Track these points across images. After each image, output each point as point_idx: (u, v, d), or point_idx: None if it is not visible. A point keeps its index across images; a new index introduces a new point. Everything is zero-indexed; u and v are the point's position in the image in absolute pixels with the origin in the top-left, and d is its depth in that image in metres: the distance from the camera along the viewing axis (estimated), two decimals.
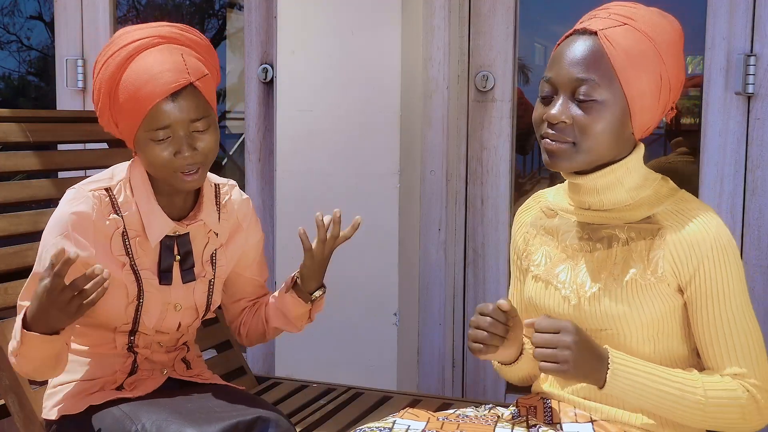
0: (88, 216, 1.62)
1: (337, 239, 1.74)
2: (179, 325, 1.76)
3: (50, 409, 1.74)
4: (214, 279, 1.78)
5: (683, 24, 1.52)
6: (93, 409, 1.68)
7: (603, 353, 1.45)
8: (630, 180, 1.51)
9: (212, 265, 1.78)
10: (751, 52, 2.55)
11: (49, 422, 1.75)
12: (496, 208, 2.92)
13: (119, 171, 1.72)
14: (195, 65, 1.62)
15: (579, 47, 1.47)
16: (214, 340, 2.39)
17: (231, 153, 4.97)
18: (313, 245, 1.74)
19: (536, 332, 1.43)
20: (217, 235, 1.78)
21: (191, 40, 1.68)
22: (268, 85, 3.15)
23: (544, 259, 1.59)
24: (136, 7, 4.01)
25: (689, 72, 3.12)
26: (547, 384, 1.61)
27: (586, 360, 1.42)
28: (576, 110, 1.45)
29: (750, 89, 2.55)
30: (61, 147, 2.61)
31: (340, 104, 2.77)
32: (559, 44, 1.52)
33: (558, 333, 1.42)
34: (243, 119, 3.25)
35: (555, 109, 1.46)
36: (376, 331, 2.75)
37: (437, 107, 2.90)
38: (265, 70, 3.15)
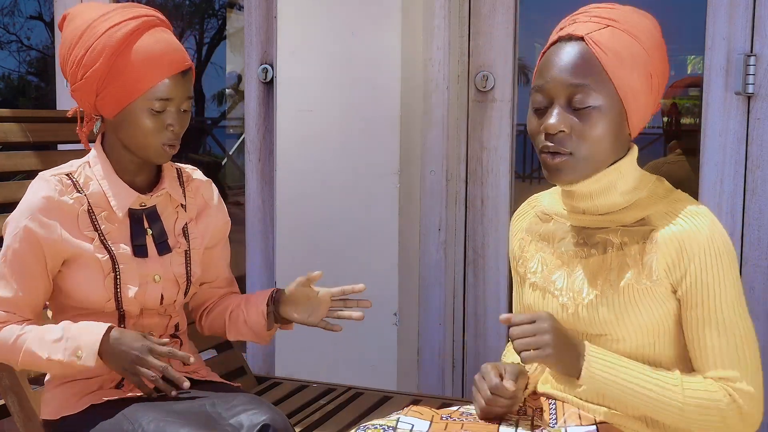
0: (51, 198, 1.68)
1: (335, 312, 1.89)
2: (162, 298, 1.77)
3: (50, 409, 1.74)
4: (189, 250, 1.82)
5: (683, 24, 1.53)
6: (93, 409, 1.68)
7: (579, 346, 1.45)
8: (624, 183, 1.49)
9: (185, 237, 1.82)
10: (751, 52, 2.55)
11: (48, 423, 1.75)
12: (496, 208, 2.92)
13: (77, 161, 1.79)
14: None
15: (568, 53, 1.44)
16: (214, 340, 2.39)
17: (231, 153, 4.96)
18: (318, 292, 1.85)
19: (513, 325, 1.44)
20: (185, 210, 1.83)
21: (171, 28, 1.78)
22: (268, 85, 3.14)
23: (540, 266, 1.58)
24: None
25: (689, 72, 3.13)
26: (549, 386, 1.61)
27: (564, 345, 1.43)
28: (573, 119, 1.43)
29: (750, 89, 2.55)
30: (61, 147, 2.61)
31: (340, 104, 2.77)
32: (544, 52, 1.50)
33: (534, 322, 1.43)
34: (243, 119, 3.26)
35: (553, 119, 1.43)
36: (376, 331, 2.75)
37: (437, 107, 2.90)
38: (265, 70, 3.15)
